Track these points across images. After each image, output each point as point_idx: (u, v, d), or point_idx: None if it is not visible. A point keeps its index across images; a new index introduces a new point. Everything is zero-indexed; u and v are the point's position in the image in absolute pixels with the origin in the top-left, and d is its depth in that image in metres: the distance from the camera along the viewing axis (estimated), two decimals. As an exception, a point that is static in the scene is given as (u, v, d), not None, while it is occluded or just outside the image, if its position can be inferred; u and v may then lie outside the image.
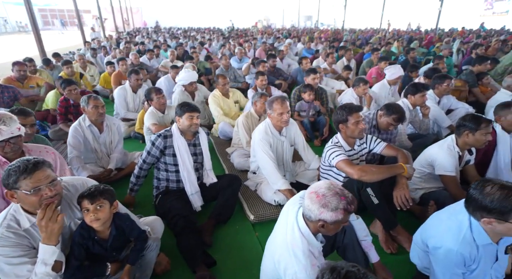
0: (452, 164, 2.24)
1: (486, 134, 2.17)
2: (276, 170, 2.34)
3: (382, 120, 2.75)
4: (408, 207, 2.00)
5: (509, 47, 8.08)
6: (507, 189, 1.27)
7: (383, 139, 2.92)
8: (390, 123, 2.67)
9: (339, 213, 1.24)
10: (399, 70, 4.22)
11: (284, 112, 2.38)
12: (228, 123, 3.59)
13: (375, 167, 2.05)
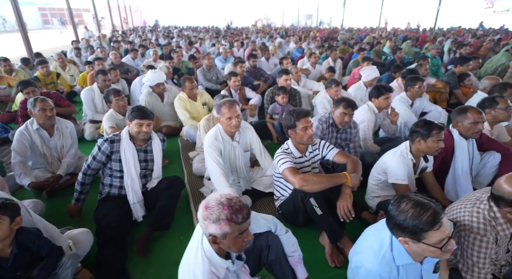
0: (404, 172, 2.14)
1: (438, 141, 2.06)
2: (223, 177, 2.24)
3: (335, 114, 2.69)
4: (351, 219, 1.90)
5: (500, 47, 7.93)
6: (419, 207, 1.17)
7: (343, 139, 2.84)
8: (342, 112, 2.62)
9: (223, 224, 1.12)
10: (374, 72, 4.11)
11: (233, 117, 2.28)
12: (194, 126, 3.50)
13: (317, 176, 1.95)
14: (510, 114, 2.62)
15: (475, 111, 2.24)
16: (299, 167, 2.23)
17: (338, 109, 2.64)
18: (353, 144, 2.89)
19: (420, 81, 3.49)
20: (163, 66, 4.97)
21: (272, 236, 1.53)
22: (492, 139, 2.41)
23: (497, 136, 2.85)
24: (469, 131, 2.28)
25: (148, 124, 2.21)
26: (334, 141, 2.81)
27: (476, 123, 2.23)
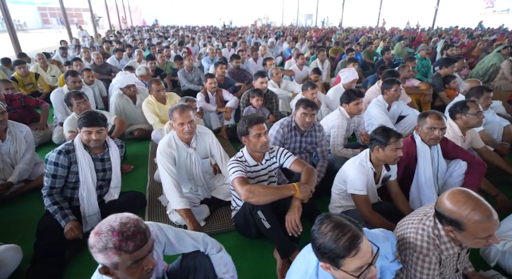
0: (363, 182, 2.03)
1: (396, 150, 1.95)
2: (173, 187, 2.12)
3: (297, 116, 2.59)
4: (299, 233, 1.79)
5: (493, 48, 7.78)
6: (338, 230, 1.05)
7: (309, 143, 2.73)
8: (302, 113, 2.53)
9: (110, 253, 0.98)
10: (353, 74, 4.00)
11: (185, 123, 2.16)
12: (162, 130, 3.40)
13: (264, 188, 1.84)
14: (481, 120, 2.51)
15: (435, 116, 2.12)
16: (254, 176, 2.12)
17: (298, 110, 2.55)
18: (320, 148, 2.78)
19: (397, 84, 3.37)
20: (142, 67, 4.87)
21: (200, 257, 1.42)
22: (458, 147, 2.29)
23: (470, 142, 2.74)
24: (426, 137, 2.17)
25: (98, 131, 2.11)
26: (299, 146, 2.70)
27: (433, 128, 2.12)
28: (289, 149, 2.68)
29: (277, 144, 2.62)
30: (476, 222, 1.20)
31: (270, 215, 1.83)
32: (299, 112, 2.55)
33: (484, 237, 1.23)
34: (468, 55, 8.30)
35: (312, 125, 2.68)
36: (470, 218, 1.21)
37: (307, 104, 2.51)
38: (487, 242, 1.24)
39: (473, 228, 1.22)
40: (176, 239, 1.33)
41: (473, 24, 21.72)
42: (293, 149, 2.70)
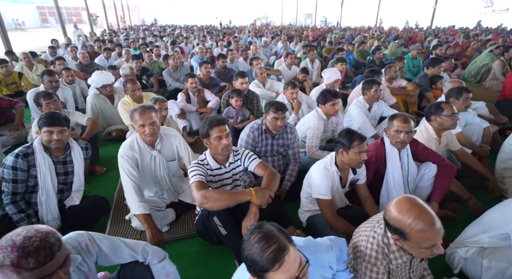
0: (326, 186, 1.97)
1: (360, 153, 1.89)
2: (133, 191, 2.06)
3: (267, 120, 2.52)
4: None
5: (486, 48, 7.70)
6: (264, 241, 0.99)
7: (281, 145, 2.66)
8: (273, 117, 2.46)
9: (8, 272, 0.89)
10: (335, 74, 3.93)
11: (146, 124, 2.10)
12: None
13: (218, 193, 1.78)
14: (456, 122, 2.45)
15: (401, 119, 2.05)
16: (217, 180, 2.06)
17: (269, 115, 2.48)
18: (292, 150, 2.72)
19: (377, 85, 3.31)
20: (126, 67, 4.79)
21: (139, 267, 1.35)
22: (429, 149, 2.22)
23: (447, 144, 2.68)
24: (393, 140, 2.11)
25: (60, 131, 2.05)
26: (270, 149, 2.65)
27: (398, 131, 2.05)
28: (260, 152, 2.63)
29: (248, 147, 2.56)
30: (418, 231, 1.15)
31: (226, 221, 1.77)
32: (270, 116, 2.48)
33: (427, 247, 1.17)
34: (461, 55, 8.23)
35: (283, 127, 2.63)
36: (412, 227, 1.15)
37: (277, 108, 2.44)
38: (432, 252, 1.19)
39: (415, 237, 1.16)
40: (110, 249, 1.27)
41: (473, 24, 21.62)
42: (265, 152, 2.64)
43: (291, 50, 10.10)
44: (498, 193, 2.56)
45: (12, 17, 33.72)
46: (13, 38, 8.96)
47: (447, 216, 2.37)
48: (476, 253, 1.69)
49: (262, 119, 2.61)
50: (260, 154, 2.64)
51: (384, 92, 4.29)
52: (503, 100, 4.63)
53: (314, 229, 2.14)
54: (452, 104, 2.99)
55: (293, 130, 2.70)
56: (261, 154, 2.64)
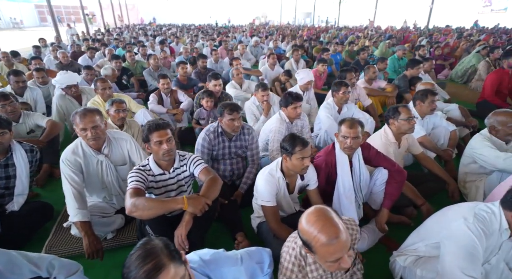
0: (270, 192, 1.92)
1: (303, 159, 1.84)
2: (73, 197, 1.99)
3: (223, 123, 2.47)
4: (187, 250, 1.67)
5: (475, 48, 7.63)
6: (141, 259, 0.94)
7: (239, 147, 2.61)
8: (229, 119, 2.41)
9: None
10: (307, 75, 3.87)
11: (88, 128, 2.03)
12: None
13: (149, 201, 1.70)
14: (413, 126, 2.39)
15: (347, 124, 2.00)
16: (161, 186, 2.00)
17: (224, 117, 2.42)
18: (250, 152, 2.66)
19: (345, 87, 3.26)
20: (108, 67, 4.70)
21: None
22: (380, 154, 2.17)
23: (408, 148, 2.63)
24: (341, 145, 2.06)
25: (0, 134, 2.01)
26: (228, 151, 2.59)
27: (345, 137, 2.00)
28: (218, 155, 2.57)
29: (204, 151, 2.52)
30: (322, 245, 1.10)
31: (159, 230, 1.72)
32: (225, 118, 2.42)
33: (333, 261, 1.12)
34: (450, 55, 8.16)
35: (241, 129, 2.58)
36: (316, 240, 1.11)
37: (231, 109, 2.39)
38: (339, 266, 1.14)
39: (320, 251, 1.12)
40: (6, 265, 1.21)
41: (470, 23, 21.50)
42: (223, 155, 2.59)
43: (281, 50, 10.06)
44: (458, 197, 2.50)
45: (10, 16, 33.72)
46: (10, 37, 8.90)
47: (402, 222, 2.33)
48: (412, 261, 1.64)
49: (217, 121, 2.55)
50: (218, 157, 2.59)
51: (360, 93, 4.25)
52: (483, 102, 4.57)
53: (261, 235, 2.10)
54: (419, 107, 2.99)
55: (251, 131, 2.64)
56: (219, 157, 2.59)
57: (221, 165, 2.63)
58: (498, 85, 4.42)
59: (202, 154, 2.50)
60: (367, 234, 2.13)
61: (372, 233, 2.17)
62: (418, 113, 3.01)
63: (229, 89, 4.46)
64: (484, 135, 2.44)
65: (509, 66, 4.32)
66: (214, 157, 2.59)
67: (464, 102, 5.46)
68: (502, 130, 2.35)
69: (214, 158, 2.60)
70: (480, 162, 2.38)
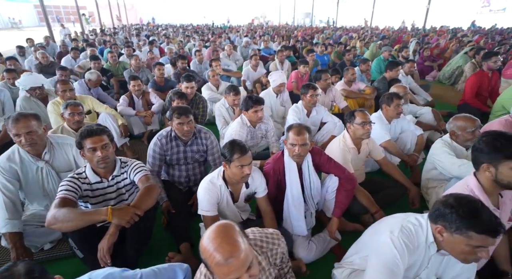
0: (209, 202, 1.85)
1: (242, 167, 1.76)
2: (4, 207, 1.89)
3: (174, 126, 2.38)
4: (109, 264, 1.59)
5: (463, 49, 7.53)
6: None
7: (196, 151, 2.52)
8: (178, 123, 2.32)
9: None
10: (280, 77, 3.78)
11: (21, 134, 1.93)
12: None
13: (70, 213, 1.59)
14: (368, 131, 2.32)
15: (294, 131, 1.93)
16: (98, 194, 1.92)
17: (173, 121, 2.34)
18: (211, 156, 2.57)
19: (312, 89, 3.18)
20: (94, 72, 4.49)
21: None
22: (331, 160, 2.09)
23: (369, 153, 2.55)
24: (290, 153, 1.98)
25: None
26: (183, 156, 2.49)
27: (293, 145, 1.93)
28: (172, 160, 2.49)
29: (156, 156, 2.42)
30: (216, 264, 1.02)
31: (82, 243, 1.65)
32: (174, 122, 2.34)
33: (229, 282, 1.05)
34: (440, 57, 8.06)
35: (197, 133, 2.50)
36: (212, 259, 1.03)
37: (179, 113, 2.29)
38: (239, 287, 1.06)
39: (215, 270, 1.04)
40: None
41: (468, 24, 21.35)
42: (177, 160, 2.50)
43: (272, 51, 9.97)
44: (419, 204, 2.43)
45: (8, 16, 33.76)
46: (7, 37, 8.82)
47: (357, 230, 2.25)
48: (347, 275, 1.57)
49: (171, 126, 2.47)
50: (172, 162, 2.50)
51: (336, 95, 4.17)
52: (464, 105, 4.48)
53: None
54: (385, 110, 2.91)
55: (208, 135, 2.55)
56: (173, 162, 2.50)
57: (176, 171, 2.55)
58: (478, 87, 4.33)
59: (154, 159, 2.41)
60: (316, 243, 2.06)
61: (322, 243, 2.09)
62: (385, 117, 2.94)
63: (204, 91, 4.40)
64: (445, 140, 2.37)
65: (488, 68, 4.23)
66: (168, 163, 2.51)
67: (448, 104, 5.41)
68: (461, 136, 2.27)
69: (168, 163, 2.52)
70: (438, 168, 2.31)
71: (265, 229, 1.41)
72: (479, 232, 1.13)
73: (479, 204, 1.19)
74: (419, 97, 5.05)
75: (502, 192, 1.57)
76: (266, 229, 1.42)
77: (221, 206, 1.93)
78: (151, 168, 2.41)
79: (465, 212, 1.17)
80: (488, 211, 1.17)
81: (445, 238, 1.24)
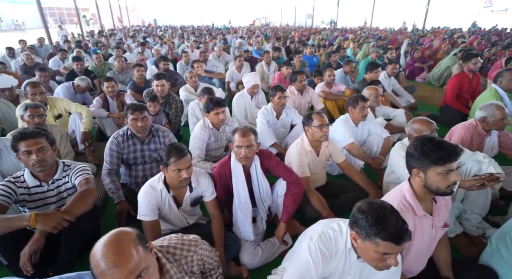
0: (147, 206, 1.81)
1: (179, 171, 1.73)
2: None
3: (129, 124, 2.37)
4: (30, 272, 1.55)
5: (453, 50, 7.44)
6: None
7: (153, 150, 2.50)
8: (132, 119, 2.32)
9: None
10: (253, 79, 3.75)
11: None
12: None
13: None
14: (325, 133, 2.28)
15: (240, 133, 1.89)
16: (37, 199, 1.88)
17: (128, 118, 2.34)
18: None
19: (280, 91, 3.14)
20: (85, 79, 4.42)
21: None
22: (281, 164, 2.04)
23: (329, 156, 2.50)
24: (237, 156, 1.94)
25: None
26: (141, 155, 2.47)
27: (239, 147, 1.89)
28: (128, 159, 2.46)
29: (113, 155, 2.41)
30: (99, 273, 0.98)
31: (5, 249, 1.62)
32: (128, 119, 2.35)
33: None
34: (432, 58, 7.98)
35: (155, 131, 2.49)
36: (97, 267, 0.99)
37: (133, 109, 2.30)
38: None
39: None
40: None
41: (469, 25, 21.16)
42: (134, 159, 2.47)
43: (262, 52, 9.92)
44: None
45: (11, 18, 34.10)
46: (10, 38, 8.86)
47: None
48: (277, 284, 1.52)
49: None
50: (129, 161, 2.48)
51: (312, 96, 4.13)
52: (445, 107, 4.41)
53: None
54: (351, 113, 2.86)
55: (167, 134, 2.54)
56: (130, 161, 2.48)
57: (133, 171, 2.52)
58: (459, 89, 4.26)
59: (111, 157, 2.40)
60: (263, 249, 2.02)
61: (270, 248, 2.05)
62: (352, 119, 2.90)
63: (181, 93, 4.36)
64: (404, 144, 2.31)
65: (468, 70, 4.16)
66: (125, 162, 2.49)
67: (434, 106, 5.33)
68: (418, 139, 2.21)
69: (125, 162, 2.50)
70: (395, 171, 2.26)
71: (185, 236, 1.37)
72: (384, 239, 1.11)
73: (387, 211, 1.15)
74: (402, 99, 4.98)
75: (436, 197, 1.52)
76: (187, 235, 1.38)
77: (163, 211, 1.90)
78: (109, 166, 2.40)
79: (373, 218, 1.14)
80: (396, 218, 1.13)
81: (358, 244, 1.22)
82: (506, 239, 1.58)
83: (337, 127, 2.87)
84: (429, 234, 1.50)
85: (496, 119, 2.40)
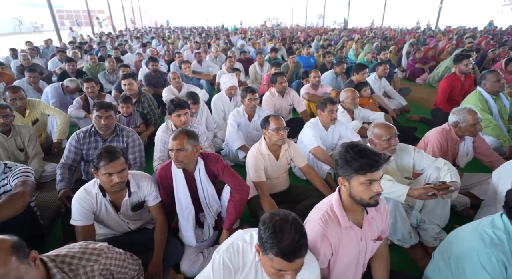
0: (79, 211, 1.76)
1: (110, 175, 1.68)
2: None
3: (92, 119, 2.38)
4: None
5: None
6: None
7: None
8: (96, 116, 2.33)
9: None
10: (230, 80, 3.67)
11: None
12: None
13: None
14: (282, 137, 2.18)
15: (172, 136, 1.83)
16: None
17: (93, 114, 2.36)
18: (132, 155, 2.52)
19: (250, 93, 3.05)
20: (75, 81, 4.47)
21: None
22: (226, 169, 1.95)
23: (290, 160, 2.40)
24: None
25: None
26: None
27: (171, 150, 1.82)
28: (88, 156, 2.46)
29: (71, 150, 2.42)
30: None
31: None
32: (93, 115, 2.37)
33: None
34: (435, 58, 7.69)
35: (119, 131, 2.50)
36: None
37: (99, 106, 2.32)
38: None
39: None
40: None
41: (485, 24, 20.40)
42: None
43: (264, 53, 9.84)
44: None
45: (31, 21, 35.26)
46: (28, 40, 9.21)
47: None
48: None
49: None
50: (88, 158, 2.47)
51: (294, 98, 4.03)
52: (436, 109, 4.21)
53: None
54: (320, 116, 2.75)
55: (131, 134, 2.53)
56: (89, 158, 2.46)
57: (91, 168, 2.50)
58: (450, 91, 4.05)
59: (69, 152, 2.41)
60: (205, 256, 1.95)
61: (214, 256, 1.97)
62: (321, 123, 2.78)
63: (163, 94, 4.34)
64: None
65: (460, 71, 3.95)
66: (85, 158, 2.48)
67: (428, 108, 5.10)
68: (378, 144, 2.08)
69: (85, 159, 2.48)
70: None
71: (91, 244, 1.31)
72: (275, 255, 1.04)
73: (287, 223, 1.07)
74: (394, 101, 4.80)
75: (369, 208, 1.40)
76: (94, 243, 1.32)
77: (100, 215, 1.85)
78: (64, 161, 2.42)
79: (269, 231, 1.07)
80: (294, 232, 1.05)
81: (260, 257, 1.14)
82: (443, 254, 1.44)
83: (305, 130, 2.76)
84: (357, 247, 1.39)
85: (468, 124, 2.25)
